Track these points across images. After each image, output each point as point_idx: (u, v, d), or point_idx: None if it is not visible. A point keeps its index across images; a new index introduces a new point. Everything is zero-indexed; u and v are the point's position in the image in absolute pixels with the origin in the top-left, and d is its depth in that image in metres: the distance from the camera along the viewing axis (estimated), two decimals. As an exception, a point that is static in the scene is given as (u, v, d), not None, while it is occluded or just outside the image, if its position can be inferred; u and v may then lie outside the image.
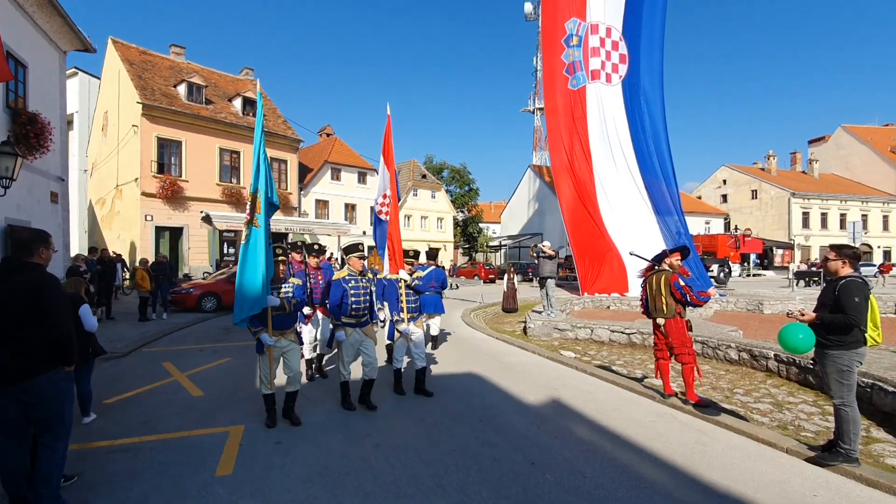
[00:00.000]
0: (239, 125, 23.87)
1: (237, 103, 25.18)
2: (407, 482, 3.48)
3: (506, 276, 15.12)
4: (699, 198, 50.08)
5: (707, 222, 44.39)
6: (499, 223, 50.18)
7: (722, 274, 25.15)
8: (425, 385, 5.66)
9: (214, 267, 21.01)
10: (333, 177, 31.00)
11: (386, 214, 7.00)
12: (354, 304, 4.96)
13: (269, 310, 4.50)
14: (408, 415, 4.93)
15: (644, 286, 5.57)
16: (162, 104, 21.19)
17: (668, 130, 18.39)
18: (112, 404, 5.26)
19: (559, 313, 11.10)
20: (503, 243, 44.97)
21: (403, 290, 5.60)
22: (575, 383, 6.25)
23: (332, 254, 22.12)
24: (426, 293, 6.64)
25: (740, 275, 33.18)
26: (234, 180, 23.86)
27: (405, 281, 5.63)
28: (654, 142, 18.04)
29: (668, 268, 5.36)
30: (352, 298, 4.94)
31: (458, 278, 32.89)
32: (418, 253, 6.67)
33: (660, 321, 5.30)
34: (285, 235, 23.70)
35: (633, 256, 7.14)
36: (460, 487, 3.41)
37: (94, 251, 13.05)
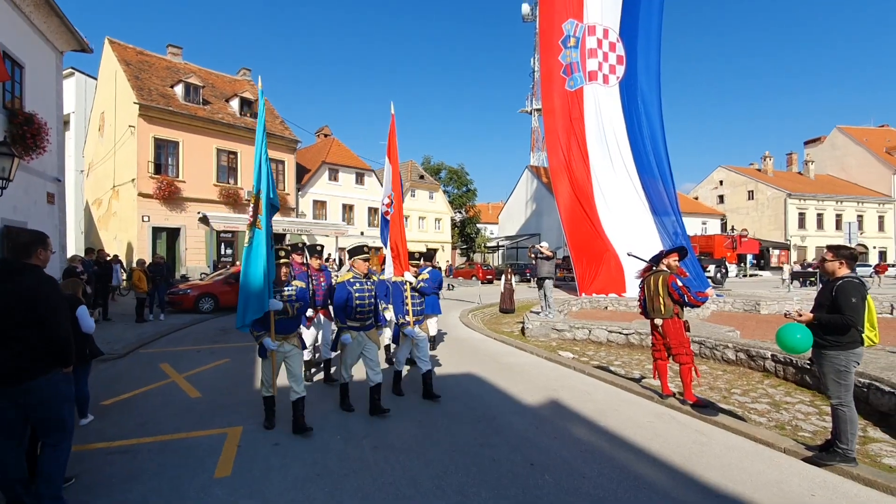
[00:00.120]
0: (236, 126, 23.82)
1: (234, 104, 25.13)
2: (406, 483, 3.48)
3: (503, 277, 15.14)
4: (696, 198, 50.31)
5: (704, 223, 44.58)
6: (496, 224, 50.23)
7: (719, 274, 25.28)
8: (433, 389, 5.47)
9: (212, 268, 20.96)
10: (331, 177, 30.99)
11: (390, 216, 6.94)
12: (359, 308, 4.84)
13: (272, 313, 4.38)
14: (407, 416, 4.92)
15: (642, 287, 5.58)
16: (159, 105, 21.14)
17: (665, 131, 18.49)
18: (109, 406, 5.24)
19: (557, 314, 11.11)
20: (501, 244, 45.02)
21: (409, 293, 5.50)
22: (573, 384, 6.26)
23: (330, 254, 22.09)
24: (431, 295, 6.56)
25: (737, 275, 33.34)
26: (232, 181, 23.81)
27: (410, 283, 5.53)
28: (652, 142, 18.10)
29: (666, 268, 5.38)
30: (356, 301, 4.82)
31: (456, 279, 32.88)
32: (423, 254, 6.54)
33: (657, 322, 5.31)
34: (283, 236, 23.65)
35: (631, 257, 7.16)
36: (459, 488, 3.41)
37: (91, 252, 13.00)
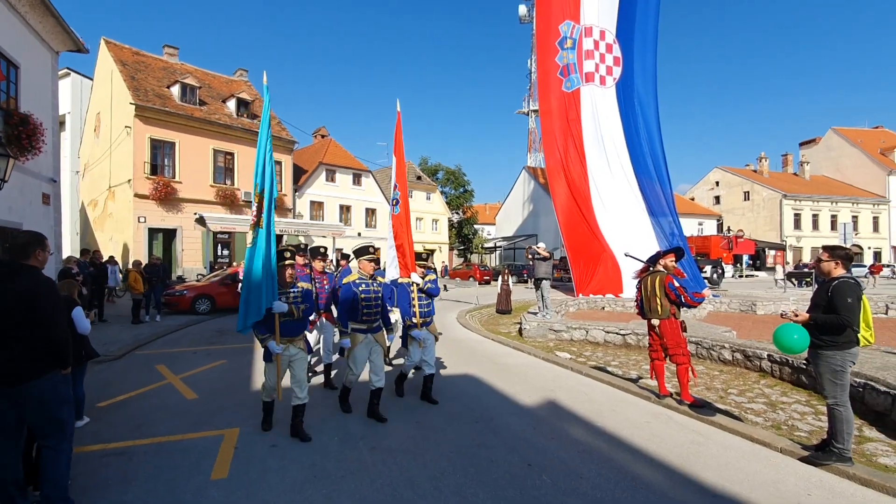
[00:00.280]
0: (233, 126, 23.76)
1: (231, 104, 25.07)
2: (403, 484, 3.47)
3: (500, 278, 15.14)
4: (692, 199, 50.45)
5: (700, 224, 44.70)
6: (494, 224, 50.28)
7: (715, 275, 25.35)
8: (431, 394, 5.43)
9: (208, 269, 20.87)
10: (328, 178, 30.96)
11: (392, 213, 6.90)
12: (366, 309, 4.73)
13: (277, 316, 4.26)
14: (404, 417, 4.92)
15: (639, 287, 5.59)
16: (155, 105, 21.08)
17: (662, 132, 18.54)
18: (105, 407, 5.21)
19: (554, 314, 11.12)
20: (498, 245, 45.06)
21: (416, 294, 5.38)
22: (571, 384, 6.27)
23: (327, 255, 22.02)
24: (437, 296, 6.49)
25: (733, 276, 33.44)
26: (229, 182, 23.75)
27: (417, 284, 5.40)
28: (649, 143, 18.15)
29: (663, 269, 5.39)
30: (363, 303, 4.72)
31: (454, 280, 32.87)
32: (430, 254, 6.35)
33: (655, 322, 5.32)
34: (280, 238, 23.59)
35: (628, 258, 7.17)
36: (457, 489, 3.41)
37: (87, 253, 12.94)
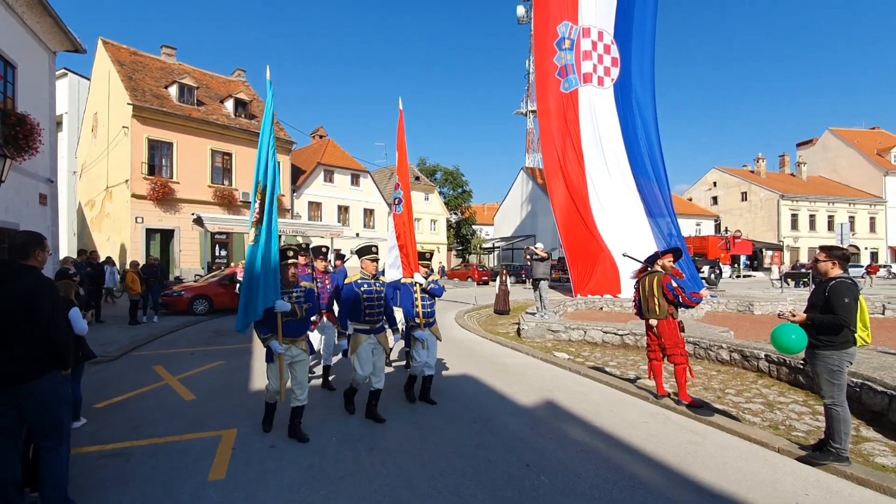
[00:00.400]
0: (231, 127, 23.72)
1: (229, 105, 25.02)
2: (402, 485, 3.47)
3: (498, 278, 15.14)
4: (690, 200, 50.59)
5: (698, 224, 44.81)
6: (492, 225, 50.29)
7: (713, 275, 25.42)
8: (430, 394, 5.39)
9: (206, 269, 20.82)
10: (326, 178, 30.94)
11: (394, 213, 6.88)
12: (368, 310, 4.69)
13: (280, 316, 4.21)
14: (402, 417, 4.91)
15: (637, 287, 5.60)
16: (153, 105, 21.01)
17: (660, 133, 18.59)
18: (102, 409, 5.19)
19: (552, 315, 11.12)
20: (496, 245, 45.06)
21: (419, 294, 5.33)
22: (569, 385, 6.27)
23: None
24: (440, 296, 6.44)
25: (731, 276, 33.52)
26: (226, 182, 23.69)
27: (420, 285, 5.34)
28: (647, 144, 18.21)
29: (661, 269, 5.40)
30: (365, 303, 4.67)
31: (452, 280, 32.86)
32: (433, 254, 6.28)
33: (652, 322, 5.33)
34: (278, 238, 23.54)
35: (626, 258, 7.18)
36: (455, 490, 3.40)
37: (83, 254, 12.91)
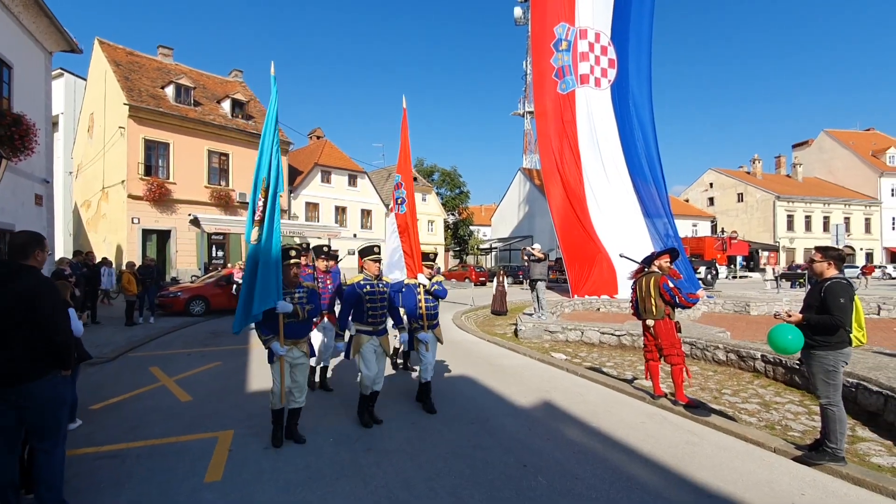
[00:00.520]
0: (228, 127, 23.67)
1: (226, 105, 24.96)
2: (399, 486, 3.46)
3: (496, 279, 15.14)
4: (686, 201, 50.75)
5: (694, 225, 44.99)
6: (489, 226, 50.34)
7: (709, 276, 25.51)
8: (431, 400, 5.25)
9: (202, 270, 20.77)
10: (324, 179, 30.89)
11: (396, 212, 6.83)
12: (371, 311, 4.62)
13: (281, 317, 4.14)
14: (399, 418, 4.90)
15: (634, 288, 5.61)
16: (149, 106, 20.95)
17: (657, 134, 18.62)
18: (98, 410, 5.17)
19: (550, 315, 11.14)
20: (493, 246, 45.11)
21: (422, 296, 5.23)
22: (566, 385, 6.28)
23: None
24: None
25: (727, 277, 33.65)
26: (223, 183, 23.63)
27: (424, 286, 5.25)
28: (644, 145, 18.23)
29: (658, 270, 5.41)
30: (368, 304, 4.61)
31: (449, 281, 32.88)
32: (437, 255, 6.17)
33: (649, 323, 5.34)
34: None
35: (623, 258, 7.20)
36: (452, 491, 3.40)
37: (79, 254, 12.86)
